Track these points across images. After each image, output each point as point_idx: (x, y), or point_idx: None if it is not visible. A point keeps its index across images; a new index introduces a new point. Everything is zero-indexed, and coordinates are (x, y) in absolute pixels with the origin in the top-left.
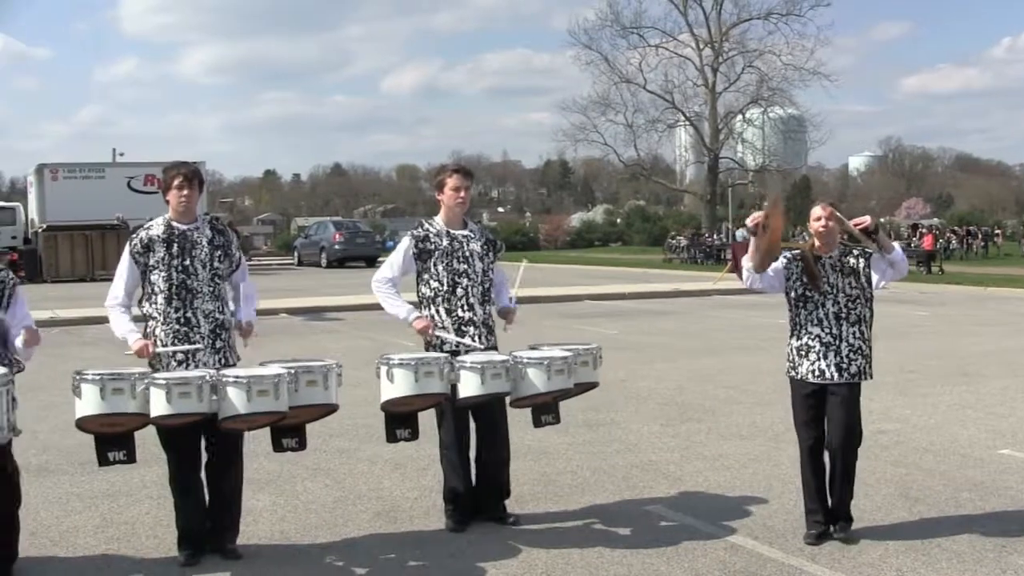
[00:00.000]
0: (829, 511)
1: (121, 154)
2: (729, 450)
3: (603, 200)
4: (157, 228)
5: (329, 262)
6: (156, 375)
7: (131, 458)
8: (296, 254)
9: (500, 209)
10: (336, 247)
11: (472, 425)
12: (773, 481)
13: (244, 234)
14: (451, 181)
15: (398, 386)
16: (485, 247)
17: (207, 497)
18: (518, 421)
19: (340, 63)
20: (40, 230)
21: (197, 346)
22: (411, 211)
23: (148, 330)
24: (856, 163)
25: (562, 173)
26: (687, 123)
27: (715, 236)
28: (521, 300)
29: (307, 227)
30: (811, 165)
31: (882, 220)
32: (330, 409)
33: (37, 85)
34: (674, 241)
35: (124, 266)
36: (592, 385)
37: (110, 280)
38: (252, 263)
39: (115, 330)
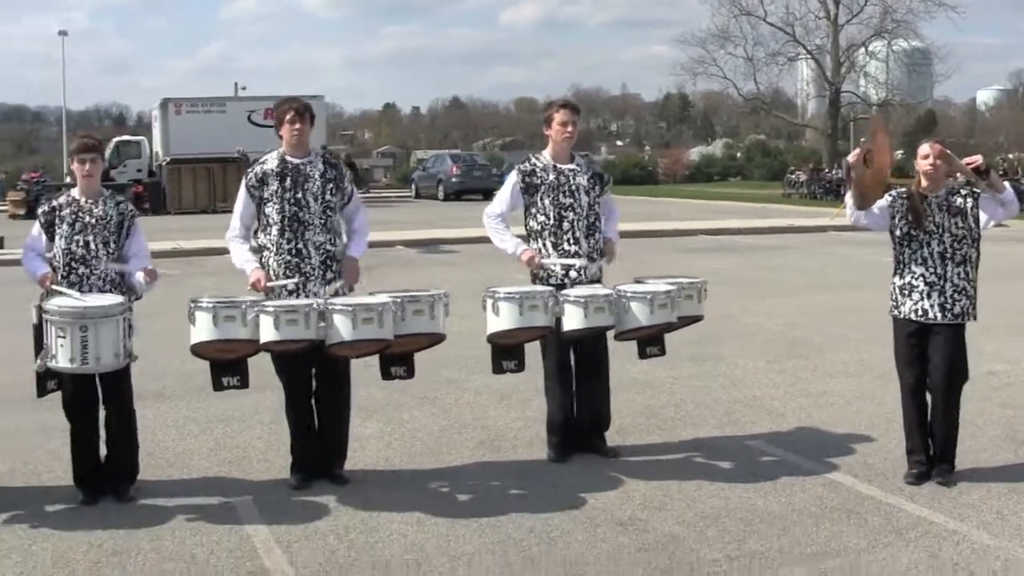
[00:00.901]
0: (931, 452)
1: (243, 88)
2: (834, 387)
3: (723, 134)
4: (271, 162)
5: (446, 195)
6: (266, 302)
7: (244, 383)
8: (414, 187)
9: (619, 143)
10: (453, 180)
11: (574, 358)
12: (877, 420)
13: (364, 167)
14: (558, 116)
15: (503, 319)
16: (592, 181)
17: (317, 424)
18: (624, 353)
19: None
20: (164, 163)
21: (290, 280)
22: (530, 144)
23: (262, 260)
24: (984, 97)
25: (681, 107)
26: (808, 56)
27: (835, 171)
28: (632, 234)
29: (425, 160)
30: (937, 99)
31: (1010, 156)
32: (436, 339)
33: (166, 22)
34: (793, 176)
35: (240, 199)
36: (696, 318)
37: (231, 212)
38: (371, 195)
39: (234, 261)
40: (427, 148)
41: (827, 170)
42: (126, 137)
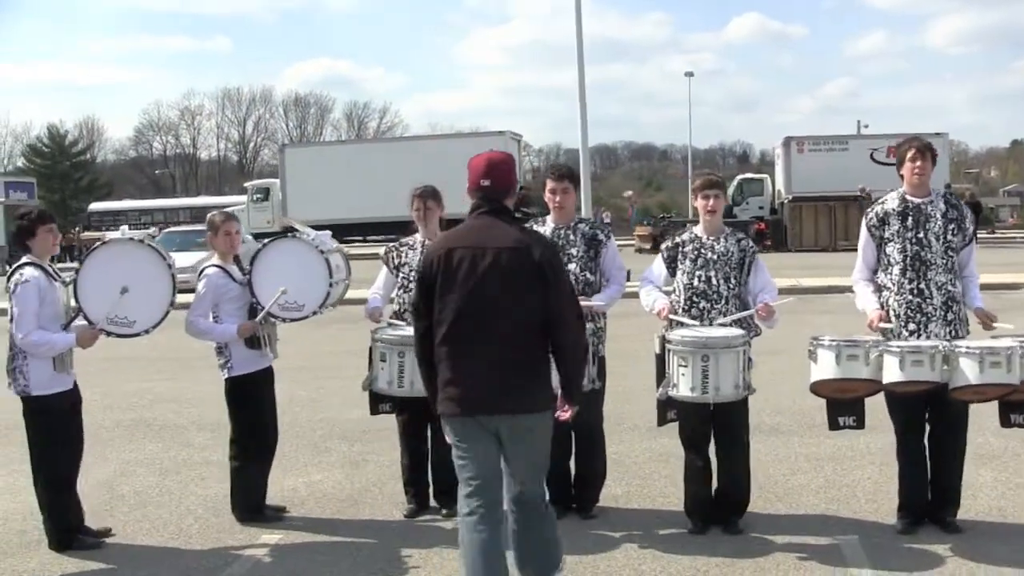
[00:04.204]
0: None
1: (865, 126)
2: None
3: None
4: (892, 202)
5: None
6: (890, 343)
7: (860, 424)
8: None
9: None
10: None
11: None
12: None
13: (989, 206)
14: None
15: None
16: None
17: (928, 468)
18: None
19: None
20: (786, 201)
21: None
22: None
23: (882, 300)
24: None
25: None
26: None
27: None
28: None
29: None
30: None
31: None
32: None
33: (791, 61)
34: None
35: (862, 240)
36: None
37: (851, 250)
38: (995, 236)
39: (857, 303)
40: None
41: None
42: (749, 175)
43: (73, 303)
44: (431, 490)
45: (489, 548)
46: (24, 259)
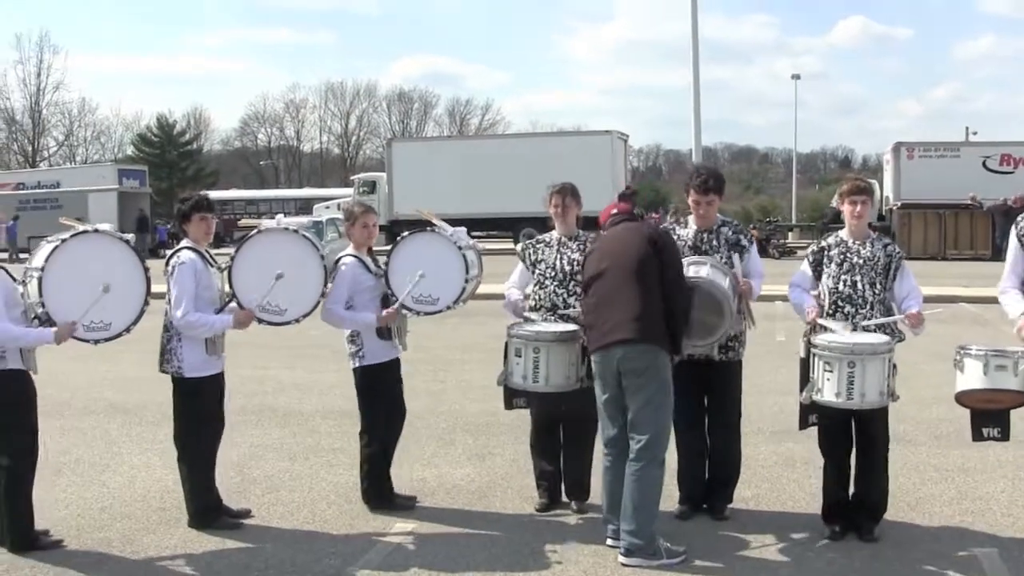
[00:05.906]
0: None
1: (974, 133)
2: None
3: None
4: None
5: None
6: None
7: (1005, 436)
8: None
9: None
10: None
11: None
12: None
13: None
14: None
15: None
16: None
17: None
18: None
19: None
20: (895, 207)
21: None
22: None
23: None
24: None
25: None
26: None
27: None
28: None
29: None
30: None
31: None
32: None
33: (896, 65)
34: None
35: (1012, 249)
36: None
37: (961, 259)
38: None
39: (1007, 309)
40: None
41: None
42: None
43: (227, 289)
44: (563, 485)
45: (611, 481)
46: (183, 243)
